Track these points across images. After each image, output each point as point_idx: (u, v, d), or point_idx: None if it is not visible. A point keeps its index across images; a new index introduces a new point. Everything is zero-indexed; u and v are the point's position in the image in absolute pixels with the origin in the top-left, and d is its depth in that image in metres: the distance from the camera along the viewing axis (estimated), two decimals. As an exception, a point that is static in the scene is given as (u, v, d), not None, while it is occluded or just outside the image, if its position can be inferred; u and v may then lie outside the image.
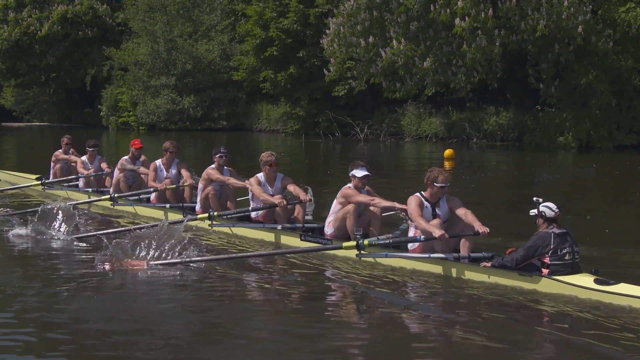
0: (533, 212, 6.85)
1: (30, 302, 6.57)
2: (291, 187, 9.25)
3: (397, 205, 8.08)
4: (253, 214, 9.43)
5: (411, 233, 7.78)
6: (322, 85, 33.28)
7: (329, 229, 8.50)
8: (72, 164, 13.15)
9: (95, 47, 48.63)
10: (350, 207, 8.23)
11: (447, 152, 20.82)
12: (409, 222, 7.78)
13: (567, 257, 6.61)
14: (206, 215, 9.38)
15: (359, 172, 8.26)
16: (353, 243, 7.48)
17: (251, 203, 9.47)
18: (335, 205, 8.49)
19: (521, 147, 25.74)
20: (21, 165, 15.56)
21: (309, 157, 24.77)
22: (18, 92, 57.49)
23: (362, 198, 8.25)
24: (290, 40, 33.50)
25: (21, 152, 30.67)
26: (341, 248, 7.53)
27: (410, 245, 7.72)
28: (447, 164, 19.73)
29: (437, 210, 7.67)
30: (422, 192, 7.76)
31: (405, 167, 21.06)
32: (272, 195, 9.17)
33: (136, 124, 43.84)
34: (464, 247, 7.46)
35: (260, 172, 9.40)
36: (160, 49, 42.26)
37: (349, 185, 8.41)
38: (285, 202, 8.97)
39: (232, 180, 9.91)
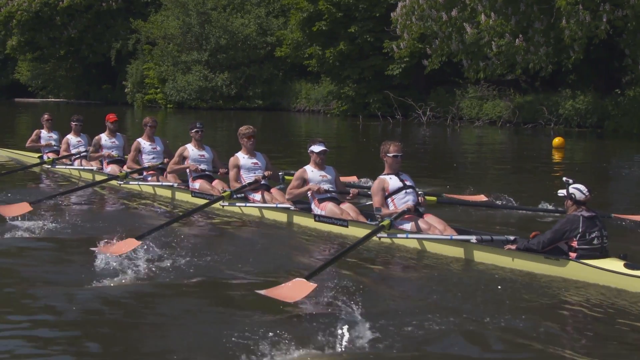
0: (562, 192, 6.58)
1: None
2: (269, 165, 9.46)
3: (312, 186, 8.24)
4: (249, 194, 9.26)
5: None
6: (374, 64, 31.16)
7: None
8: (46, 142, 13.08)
9: (119, 20, 46.33)
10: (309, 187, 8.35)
11: (557, 140, 18.53)
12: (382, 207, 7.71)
13: (595, 242, 6.38)
14: (228, 192, 9.08)
15: (317, 148, 8.40)
16: (387, 221, 7.33)
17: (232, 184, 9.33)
18: None
19: (602, 134, 23.67)
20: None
21: (369, 141, 22.34)
22: (34, 67, 55.06)
23: (292, 184, 8.46)
24: (341, 15, 31.28)
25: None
26: (384, 228, 7.33)
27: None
28: (556, 155, 17.53)
29: (401, 176, 7.71)
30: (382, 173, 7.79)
31: (512, 162, 17.20)
32: (258, 166, 9.20)
33: (164, 102, 41.61)
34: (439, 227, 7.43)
35: (238, 152, 9.28)
36: (192, 22, 39.92)
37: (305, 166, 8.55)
38: (266, 174, 9.13)
39: (171, 164, 10.15)
